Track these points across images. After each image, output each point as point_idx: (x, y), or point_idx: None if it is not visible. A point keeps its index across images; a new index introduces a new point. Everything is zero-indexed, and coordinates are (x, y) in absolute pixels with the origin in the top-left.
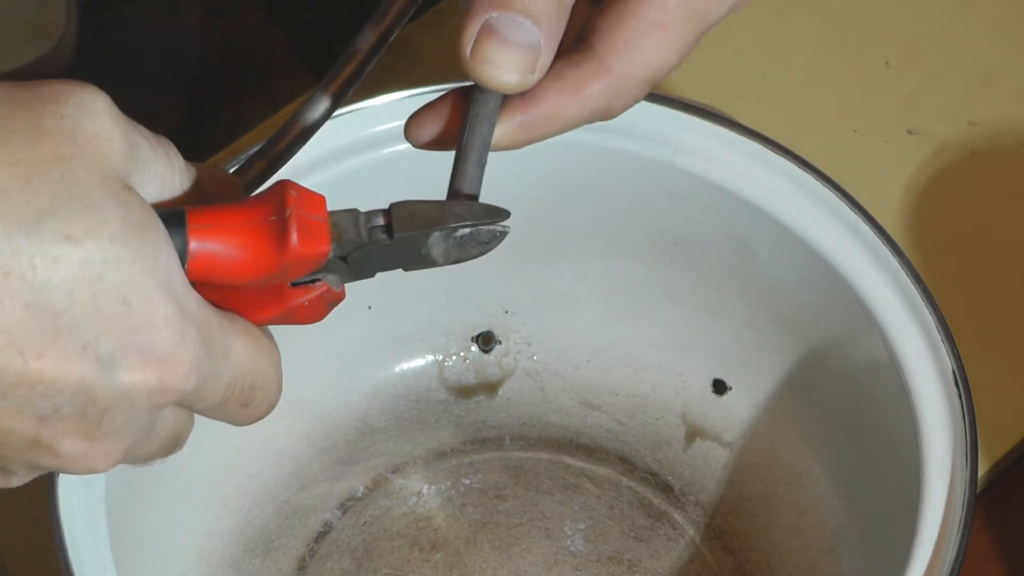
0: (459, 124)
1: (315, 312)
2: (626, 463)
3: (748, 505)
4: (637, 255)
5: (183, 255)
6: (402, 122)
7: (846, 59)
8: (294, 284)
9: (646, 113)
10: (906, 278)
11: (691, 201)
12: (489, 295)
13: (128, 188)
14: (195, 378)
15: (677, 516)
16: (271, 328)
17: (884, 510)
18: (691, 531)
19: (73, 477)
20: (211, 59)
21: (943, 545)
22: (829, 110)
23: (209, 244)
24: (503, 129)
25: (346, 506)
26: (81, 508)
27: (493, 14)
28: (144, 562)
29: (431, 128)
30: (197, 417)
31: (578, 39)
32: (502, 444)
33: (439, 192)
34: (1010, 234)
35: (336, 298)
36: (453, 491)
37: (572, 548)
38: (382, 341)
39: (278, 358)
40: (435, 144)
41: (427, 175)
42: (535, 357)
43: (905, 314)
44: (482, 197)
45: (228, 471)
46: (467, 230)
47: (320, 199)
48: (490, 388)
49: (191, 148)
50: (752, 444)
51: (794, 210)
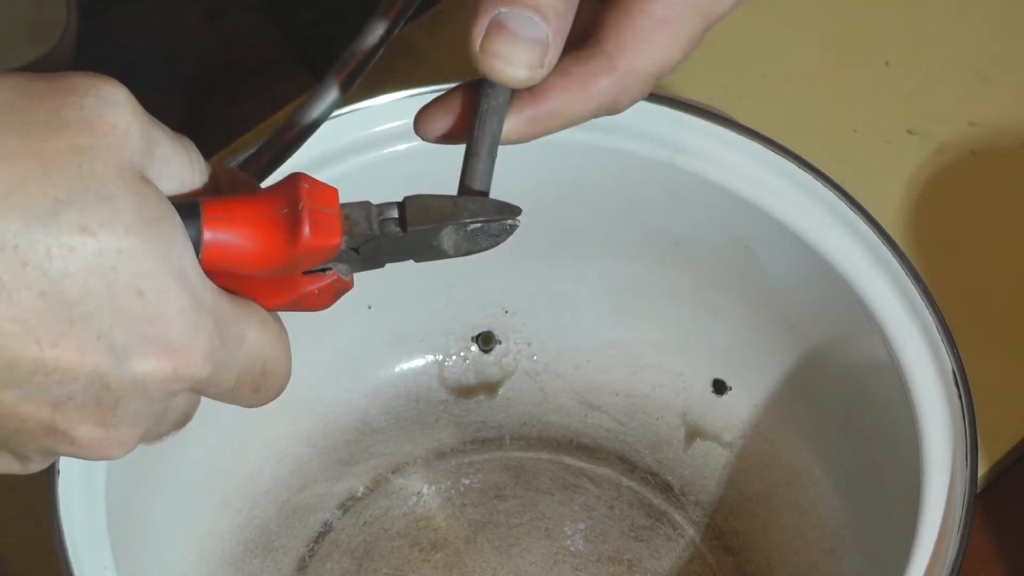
0: (468, 118)
1: (324, 300)
2: (626, 463)
3: (748, 505)
4: (637, 255)
5: (197, 245)
6: (402, 122)
7: (846, 59)
8: (305, 272)
9: (646, 113)
10: (906, 278)
11: (691, 201)
12: (489, 295)
13: (144, 179)
14: (209, 367)
15: (677, 516)
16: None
17: (884, 510)
18: (691, 531)
19: (73, 477)
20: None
21: (943, 545)
22: (829, 110)
23: (223, 235)
24: (511, 124)
25: (346, 506)
26: (81, 508)
27: (502, 9)
28: (144, 562)
29: (441, 122)
30: (195, 418)
31: (585, 35)
32: (502, 444)
33: (441, 191)
34: (1010, 234)
35: (345, 287)
36: (453, 491)
37: (572, 548)
38: (382, 341)
39: (288, 342)
40: (445, 138)
41: (427, 175)
42: (535, 357)
43: (905, 314)
44: None
45: (228, 471)
46: (479, 225)
47: (332, 192)
48: (490, 388)
49: None
50: (752, 444)
51: (794, 210)
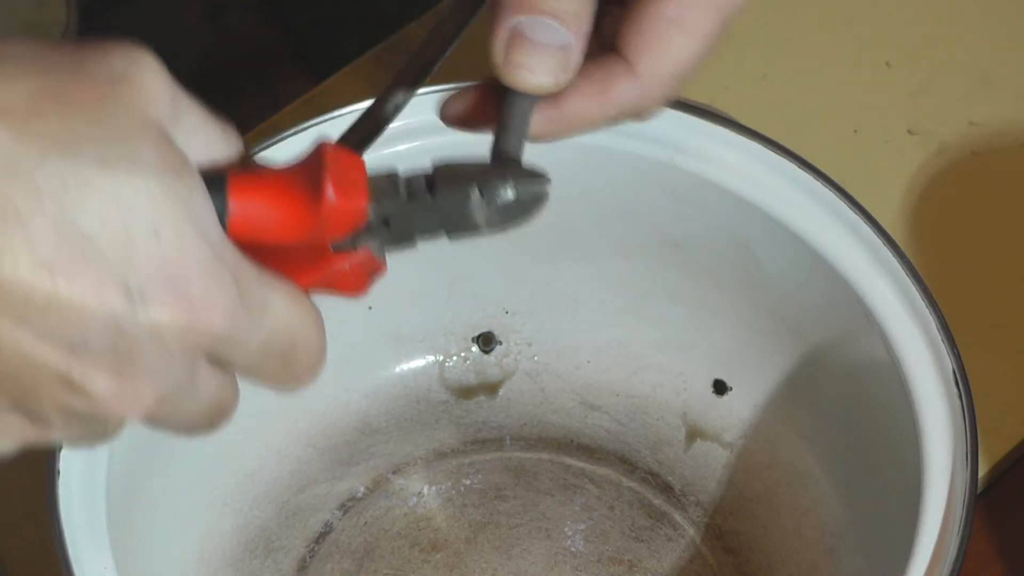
0: (487, 107)
1: (358, 281)
2: (626, 463)
3: (748, 505)
4: (637, 255)
5: (222, 215)
6: (402, 122)
7: (846, 59)
8: (336, 248)
9: None
10: (906, 278)
11: (691, 201)
12: (489, 295)
13: (166, 135)
14: (228, 324)
15: (677, 516)
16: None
17: (884, 510)
18: (691, 531)
19: (73, 477)
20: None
21: (943, 545)
22: (829, 110)
23: (248, 203)
24: (531, 122)
25: (346, 506)
26: (81, 508)
27: (521, 18)
28: (144, 562)
29: (461, 105)
30: None
31: (605, 38)
32: (502, 444)
33: None
34: (1010, 234)
35: (377, 268)
36: (453, 491)
37: (572, 548)
38: (382, 341)
39: (321, 320)
40: (463, 122)
41: None
42: (535, 357)
43: (905, 314)
44: None
45: (228, 471)
46: (510, 191)
47: (358, 159)
48: (490, 388)
49: None
50: (752, 444)
51: (794, 210)
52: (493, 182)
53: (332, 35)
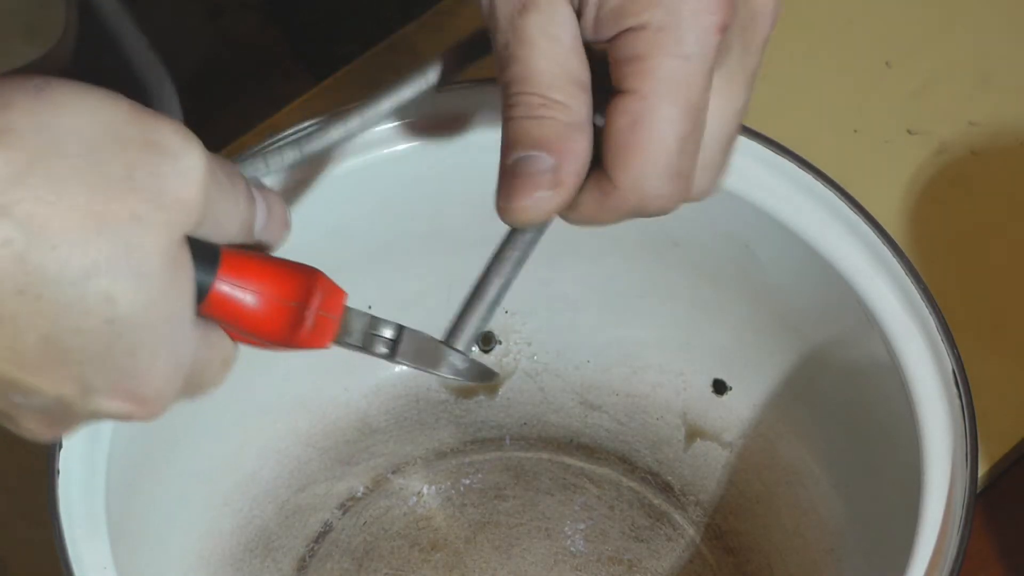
0: None
1: (316, 340)
2: (626, 463)
3: (748, 505)
4: (637, 255)
5: (205, 290)
6: (402, 122)
7: (846, 59)
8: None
9: None
10: (906, 278)
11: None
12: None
13: (183, 248)
14: (162, 409)
15: (677, 516)
16: None
17: (884, 510)
18: (691, 531)
19: (73, 477)
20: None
21: (943, 545)
22: (829, 110)
23: (231, 293)
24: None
25: (346, 506)
26: (81, 508)
27: (509, 159)
28: (144, 562)
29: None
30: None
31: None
32: (502, 444)
33: (436, 195)
34: (1010, 234)
35: (334, 331)
36: (453, 491)
37: (572, 548)
38: None
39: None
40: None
41: (425, 176)
42: (535, 357)
43: (905, 314)
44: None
45: (228, 471)
46: (460, 378)
47: (341, 298)
48: (490, 388)
49: None
50: (752, 444)
51: (794, 210)
52: (446, 376)
53: (332, 35)
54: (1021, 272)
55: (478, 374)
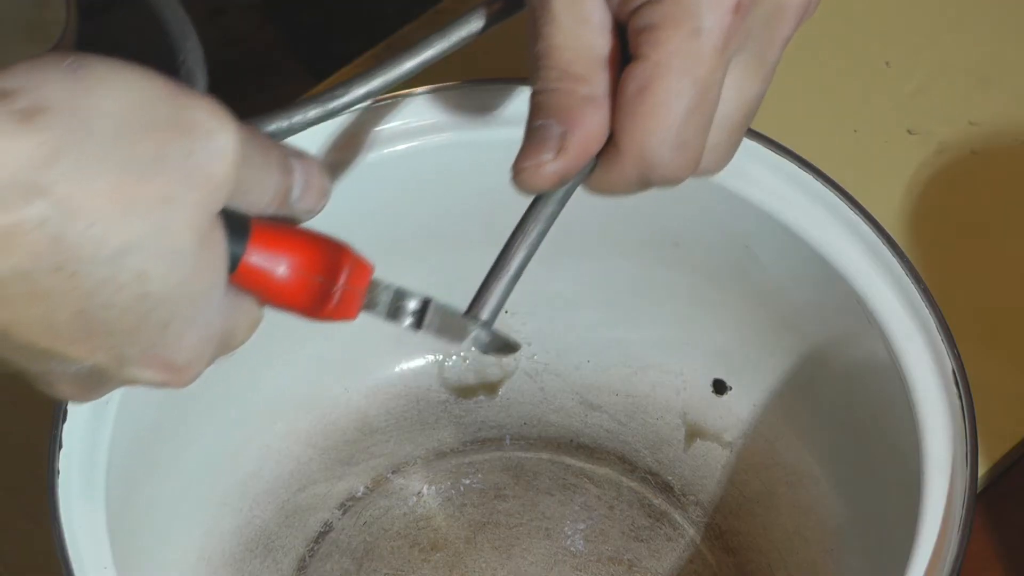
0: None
1: (344, 311)
2: (626, 463)
3: (748, 505)
4: (637, 255)
5: (236, 260)
6: (402, 122)
7: (846, 59)
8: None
9: None
10: (906, 278)
11: (691, 201)
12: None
13: (214, 224)
14: (194, 376)
15: (677, 516)
16: None
17: (884, 510)
18: (691, 531)
19: (73, 477)
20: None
21: (943, 545)
22: (829, 110)
23: (261, 265)
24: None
25: (346, 506)
26: (81, 508)
27: (530, 125)
28: (144, 562)
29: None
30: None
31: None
32: (502, 444)
33: (436, 194)
34: (1010, 234)
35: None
36: (453, 491)
37: (572, 548)
38: (382, 341)
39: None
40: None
41: (426, 176)
42: (535, 357)
43: (905, 314)
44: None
45: (228, 471)
46: (482, 350)
47: (367, 273)
48: (490, 388)
49: None
50: (752, 444)
51: (794, 210)
52: (468, 342)
53: (332, 35)
54: (1021, 272)
55: (502, 346)
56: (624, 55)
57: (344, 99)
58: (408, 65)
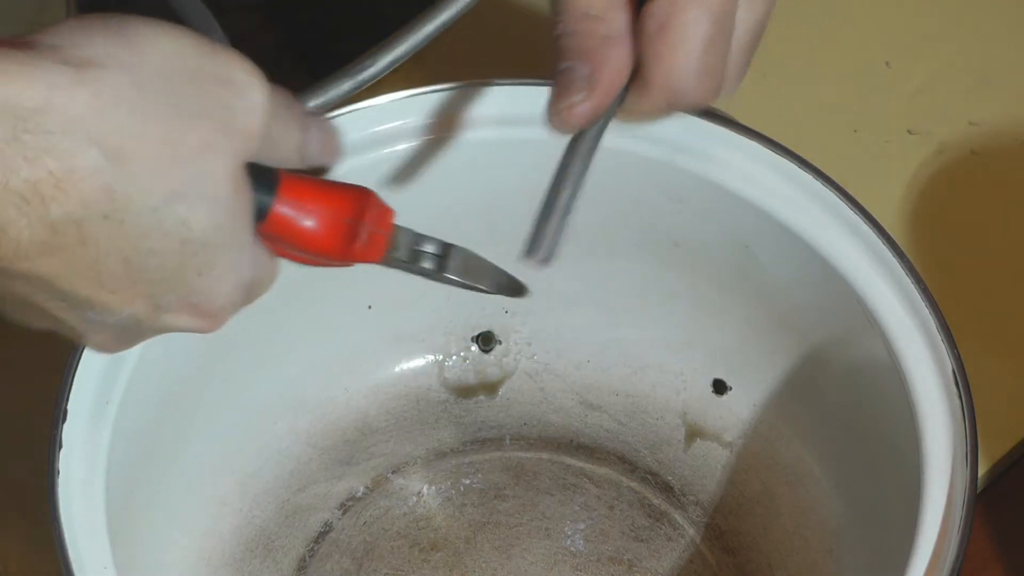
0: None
1: (369, 255)
2: (626, 463)
3: (748, 505)
4: (637, 255)
5: (265, 211)
6: (402, 122)
7: (846, 59)
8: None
9: None
10: (906, 278)
11: (691, 201)
12: (489, 295)
13: (246, 174)
14: (224, 322)
15: (677, 516)
16: None
17: (884, 510)
18: (691, 531)
19: (73, 477)
20: None
21: (943, 545)
22: (829, 110)
23: (291, 213)
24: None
25: (346, 506)
26: (81, 508)
27: (556, 69)
28: (144, 562)
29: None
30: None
31: None
32: (502, 444)
33: (436, 194)
34: (1010, 234)
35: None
36: (453, 491)
37: (572, 548)
38: (382, 341)
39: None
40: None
41: (426, 175)
42: (535, 357)
43: (905, 314)
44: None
45: (228, 471)
46: (494, 291)
47: (390, 216)
48: (490, 388)
49: None
50: (752, 444)
51: (794, 210)
52: (483, 290)
53: (332, 35)
54: (1021, 272)
55: (516, 287)
56: None
57: (371, 70)
58: (429, 28)
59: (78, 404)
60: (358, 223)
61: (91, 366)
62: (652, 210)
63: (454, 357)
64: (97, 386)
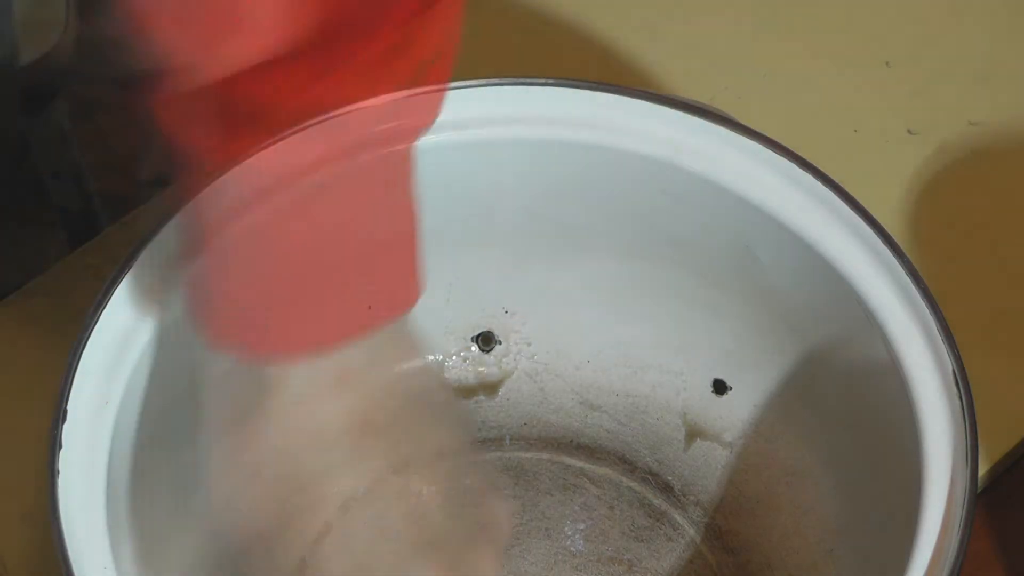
0: None
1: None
2: (626, 463)
3: (748, 505)
4: (637, 255)
5: None
6: (402, 122)
7: (846, 59)
8: None
9: (646, 113)
10: (906, 278)
11: (691, 201)
12: (489, 295)
13: None
14: None
15: (677, 516)
16: None
17: (884, 510)
18: (691, 531)
19: (73, 477)
20: None
21: (943, 545)
22: (829, 110)
23: None
24: None
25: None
26: (81, 508)
27: None
28: (144, 562)
29: None
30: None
31: None
32: (502, 444)
33: (435, 193)
34: (1010, 234)
35: None
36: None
37: (572, 548)
38: (382, 341)
39: None
40: None
41: (425, 177)
42: (535, 357)
43: (905, 314)
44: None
45: (228, 471)
46: None
47: None
48: (490, 388)
49: None
50: (752, 444)
51: (794, 210)
52: None
53: None
54: (1021, 272)
55: None
56: None
57: None
58: None
59: (78, 404)
60: None
61: (91, 366)
62: (652, 210)
63: (454, 357)
64: (97, 386)
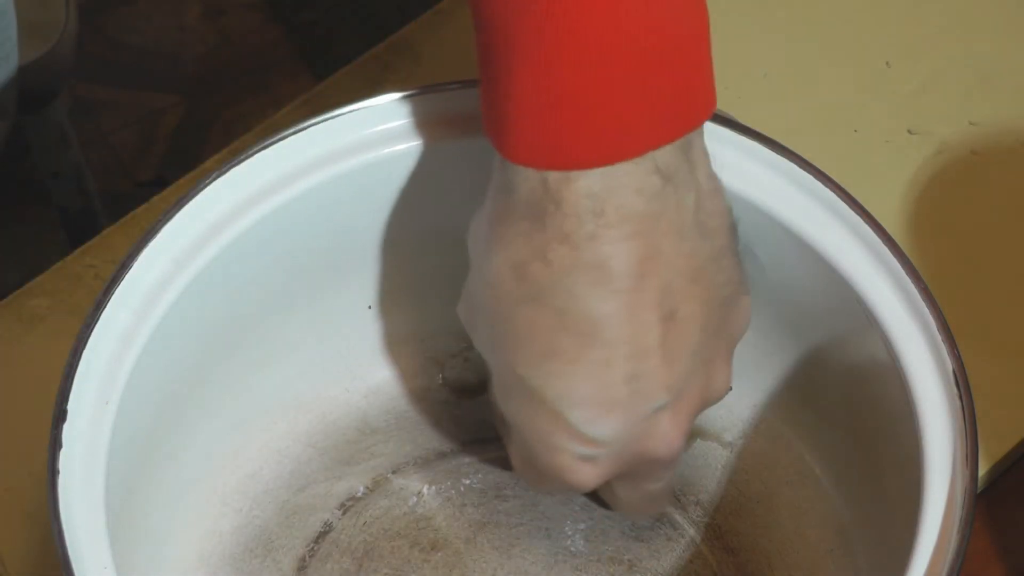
0: None
1: None
2: None
3: (748, 505)
4: None
5: None
6: (402, 122)
7: (846, 59)
8: None
9: None
10: (906, 278)
11: None
12: None
13: None
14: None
15: (677, 516)
16: None
17: (884, 510)
18: (691, 531)
19: (73, 477)
20: (211, 59)
21: (943, 545)
22: (829, 110)
23: None
24: None
25: (346, 506)
26: (81, 508)
27: None
28: (144, 562)
29: None
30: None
31: None
32: (502, 444)
33: (436, 193)
34: (1010, 234)
35: None
36: (453, 491)
37: (572, 548)
38: (382, 341)
39: None
40: None
41: (426, 175)
42: None
43: (905, 314)
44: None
45: (228, 471)
46: None
47: None
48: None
49: (191, 148)
50: (752, 444)
51: (794, 210)
52: None
53: (332, 35)
54: (1021, 272)
55: None
56: None
57: None
58: None
59: (78, 404)
60: None
61: (91, 366)
62: None
63: (454, 357)
64: (97, 386)
